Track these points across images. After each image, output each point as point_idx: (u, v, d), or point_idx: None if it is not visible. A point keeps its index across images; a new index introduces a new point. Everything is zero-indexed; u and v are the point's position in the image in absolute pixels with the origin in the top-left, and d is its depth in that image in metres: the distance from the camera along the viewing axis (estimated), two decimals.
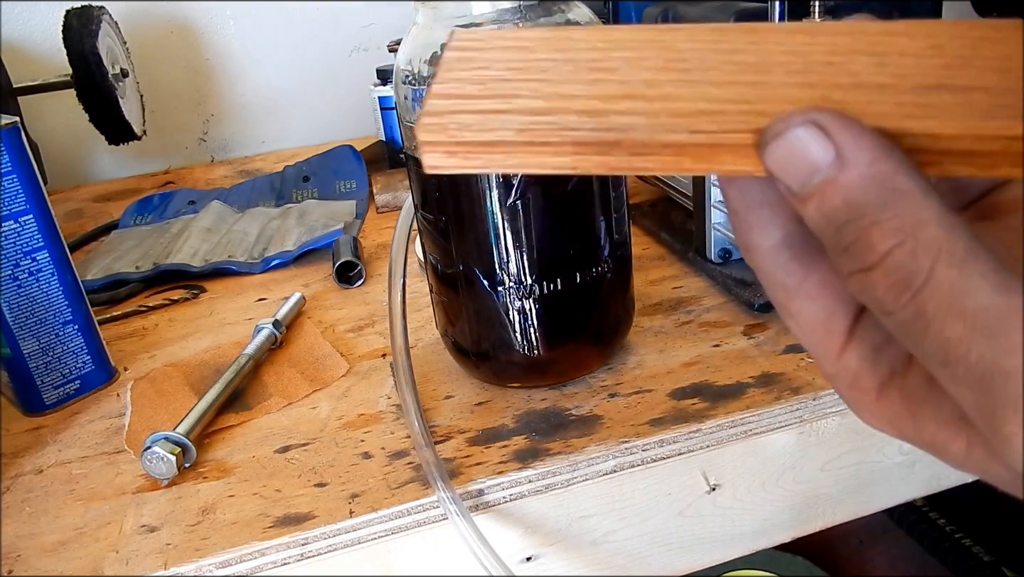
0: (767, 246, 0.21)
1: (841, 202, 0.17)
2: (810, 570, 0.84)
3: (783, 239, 0.21)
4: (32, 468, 0.42)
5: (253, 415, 0.44)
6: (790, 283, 0.21)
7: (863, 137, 0.17)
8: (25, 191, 0.44)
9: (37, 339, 0.46)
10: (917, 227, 0.17)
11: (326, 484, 0.37)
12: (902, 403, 0.20)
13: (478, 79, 0.21)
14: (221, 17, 0.98)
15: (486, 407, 0.42)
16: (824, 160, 0.17)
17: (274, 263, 0.64)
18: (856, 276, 0.18)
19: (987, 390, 0.16)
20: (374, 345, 0.50)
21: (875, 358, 0.21)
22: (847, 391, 0.21)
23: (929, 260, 0.17)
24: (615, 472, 0.37)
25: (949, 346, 0.17)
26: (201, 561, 0.34)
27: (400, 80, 0.39)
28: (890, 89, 0.19)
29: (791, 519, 0.41)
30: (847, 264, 0.18)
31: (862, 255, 0.17)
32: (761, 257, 0.21)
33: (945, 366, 0.17)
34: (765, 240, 0.21)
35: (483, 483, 0.36)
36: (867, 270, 0.17)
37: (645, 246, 0.59)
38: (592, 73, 0.20)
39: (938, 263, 0.17)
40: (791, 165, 0.18)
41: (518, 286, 0.39)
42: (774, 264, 0.21)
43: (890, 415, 0.20)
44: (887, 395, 0.20)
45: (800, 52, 0.20)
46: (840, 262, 0.18)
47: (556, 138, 0.19)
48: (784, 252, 0.21)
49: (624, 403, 0.41)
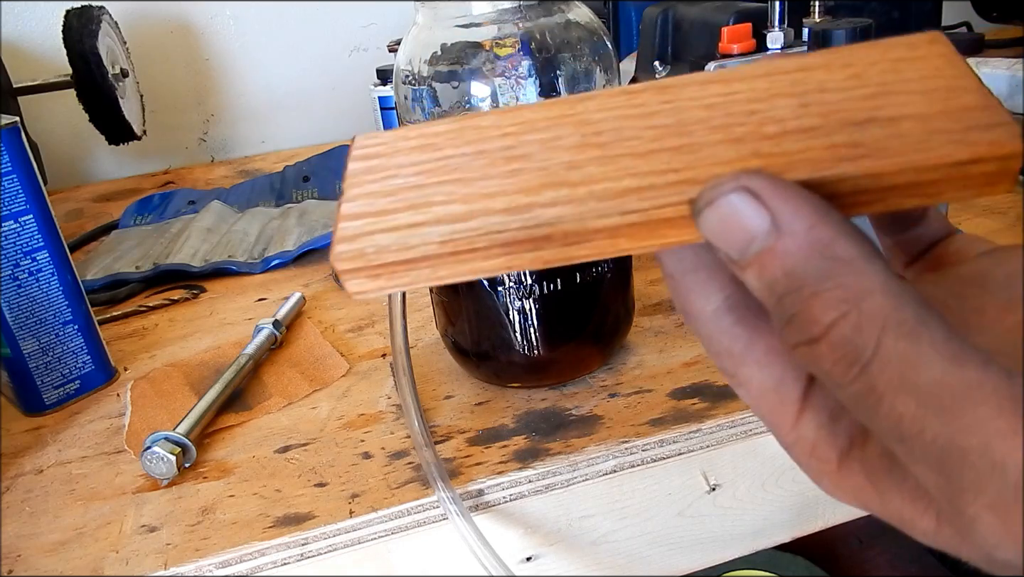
0: (708, 311, 0.20)
1: (781, 272, 0.17)
2: (810, 570, 0.84)
3: (724, 302, 0.20)
4: (32, 468, 0.42)
5: (253, 415, 0.44)
6: (736, 349, 0.20)
7: (799, 201, 0.16)
8: (25, 191, 0.44)
9: (37, 339, 0.46)
10: (861, 297, 0.16)
11: (326, 484, 0.37)
12: (864, 475, 0.19)
13: (388, 190, 0.19)
14: (221, 17, 0.98)
15: (486, 407, 0.42)
16: (760, 228, 0.17)
17: (274, 263, 0.64)
18: (802, 348, 0.17)
19: (946, 471, 0.15)
20: (374, 345, 0.50)
21: (832, 427, 0.19)
22: (806, 461, 0.20)
23: (875, 332, 0.16)
24: (615, 472, 0.37)
25: (903, 423, 0.16)
26: (201, 561, 0.34)
27: (400, 80, 0.39)
28: (819, 131, 0.18)
29: (791, 519, 0.41)
30: (792, 336, 0.17)
31: (806, 327, 0.16)
32: (703, 323, 0.20)
33: (902, 443, 0.16)
34: (706, 305, 0.20)
35: (483, 483, 0.36)
36: (812, 343, 0.16)
37: None
38: (508, 164, 0.19)
39: (885, 335, 0.16)
40: (726, 233, 0.17)
41: (518, 286, 0.39)
42: (717, 330, 0.20)
43: (853, 487, 0.19)
44: (848, 466, 0.19)
45: (718, 104, 0.19)
46: (785, 333, 0.17)
47: (483, 243, 0.18)
48: (726, 316, 0.20)
49: (624, 403, 0.41)
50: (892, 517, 0.19)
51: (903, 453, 0.16)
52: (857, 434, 0.19)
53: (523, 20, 0.37)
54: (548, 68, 0.36)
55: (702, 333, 0.20)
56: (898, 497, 0.18)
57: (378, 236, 0.18)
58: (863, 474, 0.19)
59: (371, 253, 0.18)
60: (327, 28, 1.01)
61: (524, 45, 0.36)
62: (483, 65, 0.36)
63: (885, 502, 0.18)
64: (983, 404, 0.15)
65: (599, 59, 0.38)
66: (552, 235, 0.18)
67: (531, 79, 0.36)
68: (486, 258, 0.18)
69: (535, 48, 0.36)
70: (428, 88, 0.37)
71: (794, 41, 0.48)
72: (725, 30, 0.48)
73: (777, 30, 0.47)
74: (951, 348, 0.15)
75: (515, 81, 0.36)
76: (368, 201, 0.19)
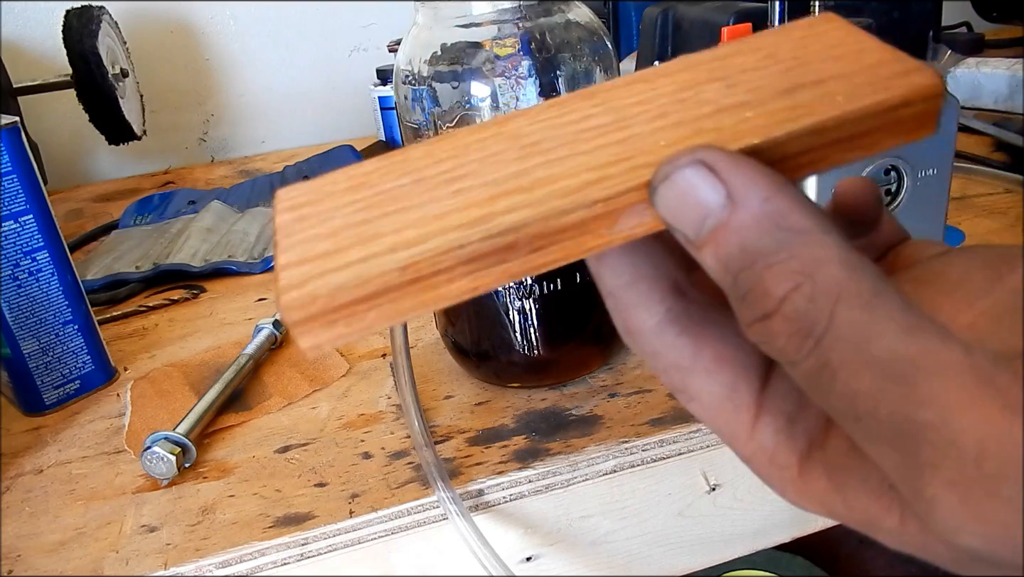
0: (650, 325, 0.19)
1: (736, 247, 0.16)
2: (810, 570, 0.84)
3: (666, 315, 0.19)
4: (32, 468, 0.42)
5: (253, 415, 0.44)
6: (683, 362, 0.19)
7: (753, 173, 0.16)
8: (25, 191, 0.44)
9: (37, 339, 0.46)
10: (815, 267, 0.15)
11: (326, 484, 0.37)
12: (827, 477, 0.18)
13: (328, 232, 0.18)
14: (221, 17, 0.98)
15: (486, 407, 0.42)
16: (715, 202, 0.16)
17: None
18: (756, 326, 0.16)
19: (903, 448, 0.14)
20: (374, 345, 0.50)
21: (790, 430, 0.19)
22: (767, 470, 0.19)
23: (829, 303, 0.15)
24: (615, 472, 0.37)
25: (858, 400, 0.15)
26: (201, 561, 0.34)
27: (400, 80, 0.39)
28: (752, 104, 0.18)
29: (791, 519, 0.41)
30: (746, 314, 0.16)
31: (759, 302, 0.16)
32: (646, 338, 0.19)
33: (857, 421, 0.15)
34: (648, 319, 0.19)
35: (483, 483, 0.36)
36: (766, 318, 0.16)
37: None
38: (451, 185, 0.18)
39: (839, 305, 0.15)
40: (682, 210, 0.17)
41: (518, 286, 0.39)
42: (662, 344, 0.19)
43: (817, 492, 0.18)
44: (810, 470, 0.19)
45: (648, 99, 0.19)
46: (740, 312, 0.17)
47: (446, 262, 0.17)
48: (669, 329, 0.19)
49: (624, 403, 0.41)
50: (858, 519, 0.18)
51: (860, 434, 0.15)
52: (816, 433, 0.19)
53: (523, 20, 0.37)
54: (548, 68, 0.36)
55: (647, 350, 0.20)
56: (863, 495, 0.17)
57: (329, 276, 0.17)
58: (825, 477, 0.18)
59: (325, 295, 0.16)
60: (327, 28, 1.01)
61: (524, 45, 0.36)
62: (483, 65, 0.36)
63: (849, 503, 0.18)
64: (940, 375, 0.14)
65: (599, 59, 0.38)
66: (517, 242, 0.17)
67: (531, 79, 0.36)
68: (450, 280, 0.17)
69: (535, 48, 0.36)
70: (428, 88, 0.37)
71: None
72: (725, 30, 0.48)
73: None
74: (908, 319, 0.15)
75: (515, 81, 0.36)
76: (308, 246, 0.18)
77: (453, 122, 0.37)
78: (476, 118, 0.36)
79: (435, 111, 0.37)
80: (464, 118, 0.37)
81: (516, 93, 0.36)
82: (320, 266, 0.17)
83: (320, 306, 0.16)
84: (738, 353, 0.19)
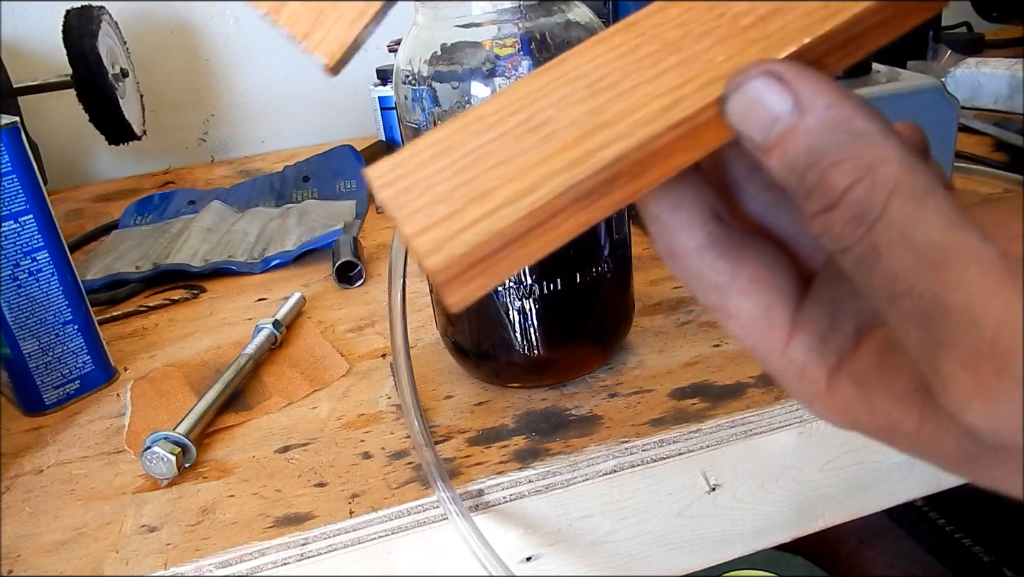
0: (692, 248, 0.21)
1: (803, 148, 0.18)
2: (810, 570, 0.84)
3: (706, 239, 0.21)
4: (32, 468, 0.42)
5: (253, 415, 0.44)
6: (721, 282, 0.21)
7: (819, 83, 0.18)
8: (25, 191, 0.44)
9: (37, 339, 0.46)
10: (875, 164, 0.17)
11: (326, 484, 0.37)
12: (854, 387, 0.20)
13: (437, 198, 0.19)
14: (221, 17, 0.98)
15: (486, 407, 0.42)
16: (783, 109, 0.18)
17: (274, 263, 0.64)
18: (819, 217, 0.18)
19: (929, 326, 0.16)
20: (374, 345, 0.50)
21: (821, 347, 0.20)
22: (796, 385, 0.21)
23: (884, 194, 0.17)
24: (615, 472, 0.37)
25: (896, 279, 0.17)
26: (201, 561, 0.34)
27: (400, 80, 0.39)
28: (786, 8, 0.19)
29: (791, 519, 0.41)
30: (810, 207, 0.18)
31: (824, 195, 0.18)
32: (688, 260, 0.21)
33: (891, 301, 0.17)
34: (689, 241, 0.21)
35: (483, 483, 0.36)
36: (828, 209, 0.18)
37: (645, 246, 0.59)
38: (536, 133, 0.20)
39: (893, 197, 0.17)
40: (752, 117, 0.18)
41: (518, 286, 0.39)
42: (702, 265, 0.21)
43: (842, 403, 0.20)
44: (837, 382, 0.20)
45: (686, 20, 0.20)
46: (805, 207, 0.18)
47: (562, 202, 0.18)
48: (710, 251, 0.21)
49: (624, 403, 0.41)
50: (880, 424, 0.19)
51: (893, 315, 0.17)
52: (846, 348, 0.20)
53: (523, 20, 0.37)
54: None
55: (688, 271, 0.21)
56: (887, 400, 0.19)
57: (460, 237, 0.18)
58: (853, 387, 0.20)
59: (463, 253, 0.18)
60: None
61: (524, 45, 0.36)
62: (483, 65, 0.36)
63: (874, 409, 0.19)
64: (972, 264, 0.16)
65: None
66: (620, 172, 0.19)
67: None
68: (566, 218, 0.19)
69: (535, 48, 0.36)
70: (428, 88, 0.37)
71: None
72: None
73: None
74: (952, 217, 0.16)
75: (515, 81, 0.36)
76: (426, 213, 0.19)
77: None
78: None
79: (435, 111, 0.37)
80: None
81: None
82: (448, 229, 0.18)
83: (462, 264, 0.18)
84: (774, 276, 0.21)
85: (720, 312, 0.21)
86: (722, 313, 0.21)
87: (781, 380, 0.22)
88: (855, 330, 0.20)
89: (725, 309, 0.21)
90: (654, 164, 0.19)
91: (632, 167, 0.19)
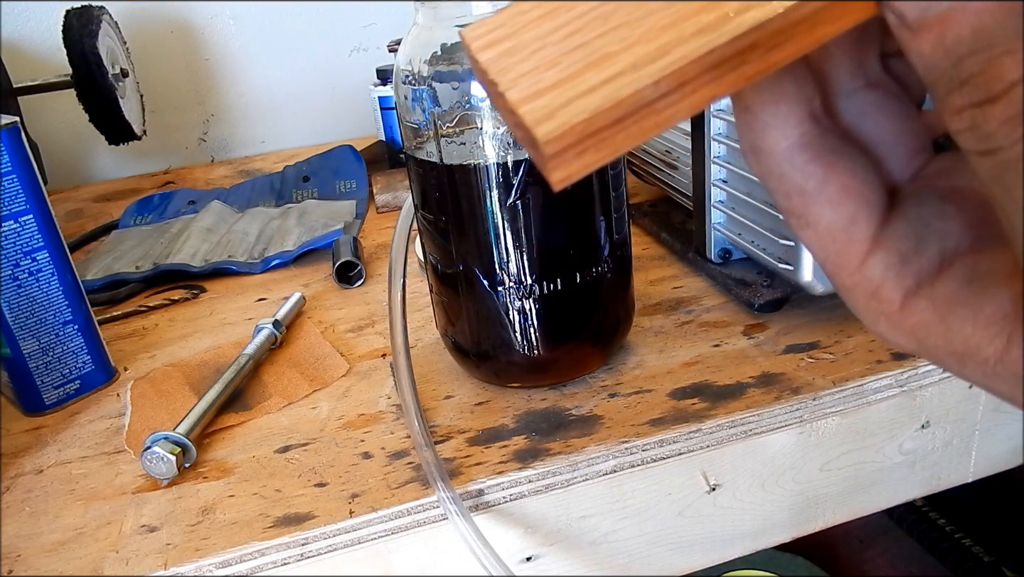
0: (783, 147, 0.19)
1: (969, 31, 0.16)
2: (810, 570, 0.84)
3: (800, 139, 0.19)
4: (32, 468, 0.42)
5: (253, 415, 0.44)
6: (808, 187, 0.19)
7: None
8: (25, 191, 0.44)
9: (37, 339, 0.46)
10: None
11: (326, 484, 0.37)
12: (931, 310, 0.19)
13: (549, 61, 0.17)
14: (221, 17, 0.98)
15: (486, 407, 0.42)
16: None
17: (274, 263, 0.64)
18: (971, 110, 0.16)
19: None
20: (374, 345, 0.50)
21: (901, 268, 0.19)
22: (865, 302, 0.20)
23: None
24: (615, 472, 0.37)
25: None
26: (201, 561, 0.34)
27: (400, 80, 0.39)
28: None
29: (791, 519, 0.41)
30: (960, 98, 0.16)
31: (987, 85, 0.16)
32: (776, 160, 0.20)
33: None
34: (781, 140, 0.19)
35: (483, 483, 0.36)
36: (987, 103, 0.16)
37: (645, 246, 0.59)
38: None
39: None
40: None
41: (518, 286, 0.39)
42: (790, 166, 0.19)
43: (913, 325, 0.19)
44: (912, 304, 0.19)
45: None
46: (950, 99, 0.17)
47: (694, 70, 0.16)
48: (801, 153, 0.19)
49: (624, 403, 0.41)
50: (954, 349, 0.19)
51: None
52: (927, 274, 0.19)
53: None
54: None
55: (773, 171, 0.20)
56: (968, 324, 0.18)
57: (577, 103, 0.16)
58: (930, 310, 0.19)
59: (581, 121, 0.16)
60: (327, 28, 1.01)
61: None
62: None
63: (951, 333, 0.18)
64: None
65: None
66: (759, 40, 0.17)
67: None
68: (693, 91, 0.17)
69: None
70: (428, 88, 0.37)
71: None
72: None
73: None
74: None
75: None
76: (534, 78, 0.17)
77: (453, 122, 0.37)
78: (476, 118, 0.36)
79: (435, 111, 0.37)
80: (464, 118, 0.37)
81: None
82: (562, 95, 0.16)
83: (578, 133, 0.16)
84: (864, 188, 0.20)
85: (797, 219, 0.20)
86: (799, 220, 0.20)
87: (847, 295, 0.20)
88: (940, 254, 0.19)
89: (805, 216, 0.20)
90: (795, 35, 0.17)
91: (773, 36, 0.17)
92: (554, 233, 0.39)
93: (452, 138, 0.38)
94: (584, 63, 0.17)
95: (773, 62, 0.17)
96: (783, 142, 0.19)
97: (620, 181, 0.41)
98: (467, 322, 0.42)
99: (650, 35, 0.17)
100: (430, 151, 0.38)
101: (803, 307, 0.48)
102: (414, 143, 0.39)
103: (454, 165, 0.37)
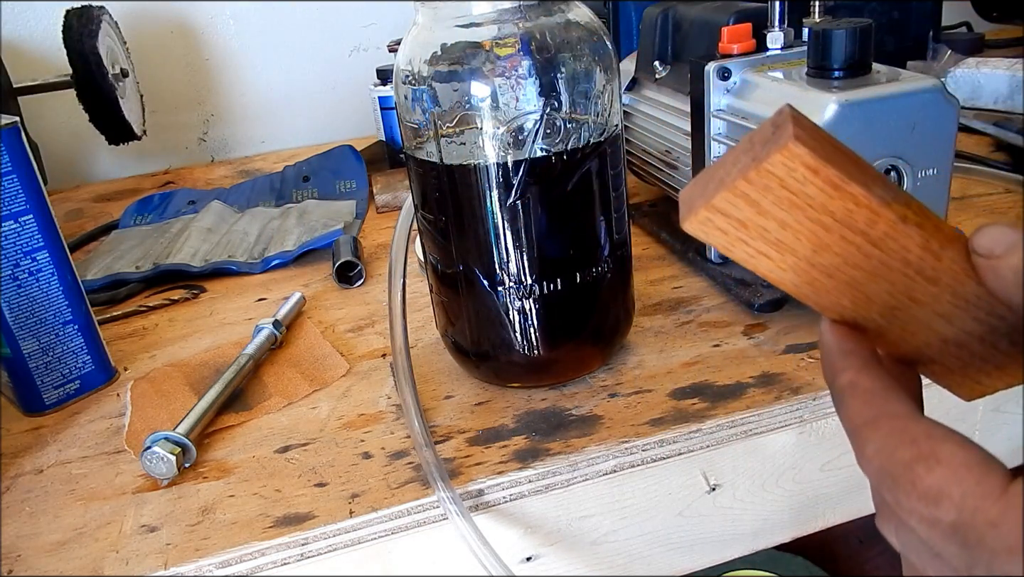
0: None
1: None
2: (810, 570, 0.84)
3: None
4: (32, 468, 0.42)
5: (253, 415, 0.44)
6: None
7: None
8: (25, 191, 0.44)
9: (37, 339, 0.46)
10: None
11: (326, 484, 0.37)
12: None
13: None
14: (221, 17, 0.98)
15: (486, 407, 0.42)
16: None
17: (274, 263, 0.64)
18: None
19: None
20: (374, 345, 0.50)
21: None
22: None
23: None
24: (615, 472, 0.37)
25: None
26: (201, 561, 0.34)
27: (400, 80, 0.39)
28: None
29: (791, 519, 0.41)
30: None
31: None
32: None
33: None
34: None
35: (483, 483, 0.36)
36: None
37: (645, 246, 0.59)
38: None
39: None
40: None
41: (518, 286, 0.39)
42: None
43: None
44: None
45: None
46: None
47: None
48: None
49: (624, 403, 0.41)
50: None
51: None
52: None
53: (523, 20, 0.37)
54: (548, 68, 0.36)
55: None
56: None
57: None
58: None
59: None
60: (327, 28, 1.01)
61: (524, 45, 0.36)
62: (483, 65, 0.36)
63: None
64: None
65: (599, 59, 0.38)
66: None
67: (531, 79, 0.36)
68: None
69: (535, 48, 0.36)
70: (428, 88, 0.37)
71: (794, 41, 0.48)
72: (725, 30, 0.48)
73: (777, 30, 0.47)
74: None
75: (515, 81, 0.36)
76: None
77: (453, 122, 0.37)
78: (476, 118, 0.36)
79: (435, 111, 0.37)
80: (464, 118, 0.37)
81: (516, 93, 0.36)
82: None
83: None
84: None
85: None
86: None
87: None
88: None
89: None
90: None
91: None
92: (554, 233, 0.39)
93: (452, 138, 0.38)
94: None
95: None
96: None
97: (620, 181, 0.41)
98: (467, 322, 0.42)
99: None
100: (430, 151, 0.38)
101: (803, 307, 0.47)
102: (414, 143, 0.39)
103: (454, 165, 0.37)
